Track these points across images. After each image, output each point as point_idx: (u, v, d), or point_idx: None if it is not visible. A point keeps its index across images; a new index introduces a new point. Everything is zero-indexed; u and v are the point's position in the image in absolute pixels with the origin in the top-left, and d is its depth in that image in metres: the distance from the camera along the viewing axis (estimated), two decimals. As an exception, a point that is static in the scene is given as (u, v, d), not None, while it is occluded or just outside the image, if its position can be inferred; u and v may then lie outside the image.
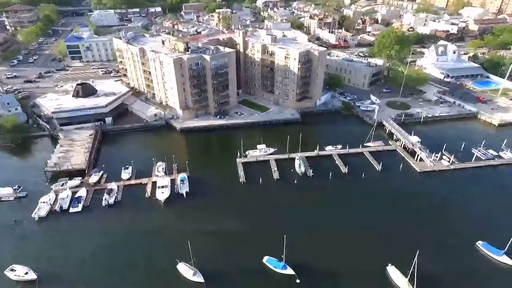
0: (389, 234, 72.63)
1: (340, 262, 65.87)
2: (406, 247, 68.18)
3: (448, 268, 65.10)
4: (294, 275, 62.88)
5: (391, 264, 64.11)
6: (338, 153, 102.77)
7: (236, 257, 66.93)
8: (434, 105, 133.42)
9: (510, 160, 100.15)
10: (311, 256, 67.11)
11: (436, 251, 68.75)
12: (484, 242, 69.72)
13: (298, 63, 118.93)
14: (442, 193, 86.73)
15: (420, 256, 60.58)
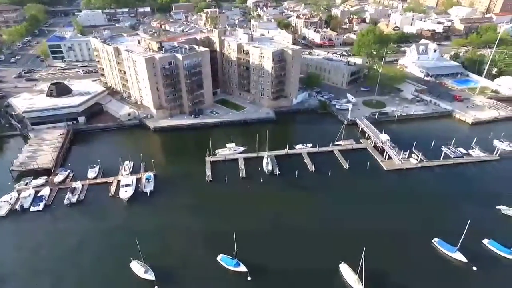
0: (346, 232, 72.69)
1: (294, 260, 66.02)
2: (361, 245, 68.07)
3: (400, 264, 65.53)
4: (246, 272, 63.18)
5: (344, 261, 64.36)
6: (308, 151, 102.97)
7: (191, 255, 67.17)
8: (410, 103, 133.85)
9: (478, 158, 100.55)
10: (265, 254, 67.24)
11: (391, 249, 68.96)
12: (439, 239, 70.08)
13: (271, 62, 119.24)
14: (406, 191, 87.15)
15: (374, 254, 61.81)
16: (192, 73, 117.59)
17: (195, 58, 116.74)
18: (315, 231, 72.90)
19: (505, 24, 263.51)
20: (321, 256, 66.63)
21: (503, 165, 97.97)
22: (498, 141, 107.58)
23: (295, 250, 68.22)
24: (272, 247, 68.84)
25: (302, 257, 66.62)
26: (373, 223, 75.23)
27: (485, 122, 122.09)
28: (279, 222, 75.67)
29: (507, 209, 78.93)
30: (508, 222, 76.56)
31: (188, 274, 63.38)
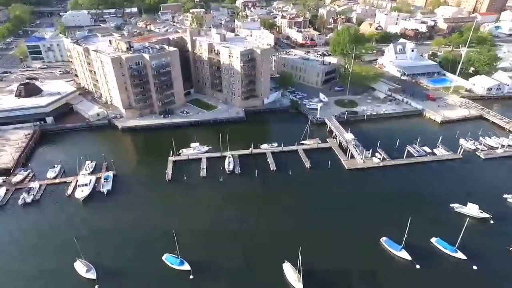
0: (295, 231, 72.87)
1: (240, 259, 66.30)
2: (308, 244, 68.54)
3: (345, 263, 65.53)
4: (189, 271, 63.31)
5: (287, 261, 64.45)
6: (272, 151, 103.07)
7: (136, 255, 67.16)
8: (382, 103, 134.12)
9: (441, 156, 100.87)
10: (211, 253, 67.42)
11: (339, 248, 68.90)
12: (387, 238, 70.27)
13: (240, 62, 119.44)
14: (364, 190, 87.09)
15: (320, 253, 64.24)
16: (161, 73, 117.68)
17: (163, 58, 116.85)
18: (264, 230, 73.18)
19: (490, 24, 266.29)
20: (267, 255, 66.80)
21: (465, 163, 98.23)
22: (464, 139, 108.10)
23: (241, 249, 68.41)
24: (219, 246, 69.06)
25: (248, 256, 66.92)
26: (325, 222, 75.58)
27: (454, 121, 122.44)
28: (229, 221, 75.76)
29: (460, 207, 79.24)
30: (459, 220, 76.41)
31: (131, 273, 63.37)
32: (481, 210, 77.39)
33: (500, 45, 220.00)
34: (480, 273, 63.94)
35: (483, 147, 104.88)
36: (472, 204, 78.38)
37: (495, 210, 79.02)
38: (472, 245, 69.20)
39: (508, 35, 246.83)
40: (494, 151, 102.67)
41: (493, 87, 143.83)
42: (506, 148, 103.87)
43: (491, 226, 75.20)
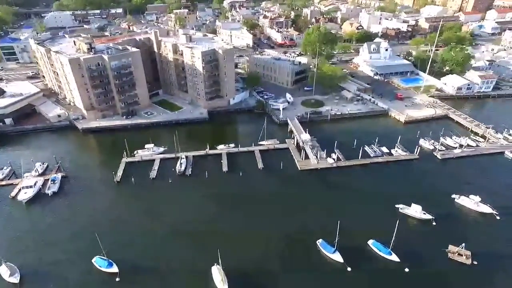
0: (229, 233, 72.18)
1: (170, 261, 65.62)
2: (240, 246, 68.64)
3: (276, 265, 64.88)
4: (117, 273, 62.62)
5: (216, 263, 63.61)
6: (228, 151, 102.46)
7: (67, 257, 66.45)
8: (349, 102, 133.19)
9: (398, 157, 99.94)
10: (141, 255, 66.84)
11: (274, 250, 68.38)
12: (322, 240, 69.32)
13: (202, 62, 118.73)
14: (312, 191, 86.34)
15: (255, 256, 64.68)
16: (122, 74, 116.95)
17: (124, 59, 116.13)
18: (200, 232, 72.45)
19: (473, 23, 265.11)
20: (199, 257, 65.95)
21: (420, 164, 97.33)
22: (423, 139, 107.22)
23: (174, 252, 67.75)
24: (152, 248, 68.41)
25: (179, 259, 66.20)
26: (264, 224, 74.80)
27: (418, 120, 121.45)
28: (167, 223, 75.10)
29: (406, 208, 78.37)
30: (402, 221, 75.48)
31: (57, 277, 62.62)
32: (424, 211, 76.53)
33: (482, 44, 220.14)
34: (411, 276, 63.05)
35: (441, 147, 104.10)
36: (415, 205, 77.47)
37: (441, 211, 78.38)
38: (409, 247, 68.47)
39: (490, 34, 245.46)
40: (451, 151, 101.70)
41: (463, 87, 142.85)
42: (464, 148, 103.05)
43: (433, 228, 74.30)
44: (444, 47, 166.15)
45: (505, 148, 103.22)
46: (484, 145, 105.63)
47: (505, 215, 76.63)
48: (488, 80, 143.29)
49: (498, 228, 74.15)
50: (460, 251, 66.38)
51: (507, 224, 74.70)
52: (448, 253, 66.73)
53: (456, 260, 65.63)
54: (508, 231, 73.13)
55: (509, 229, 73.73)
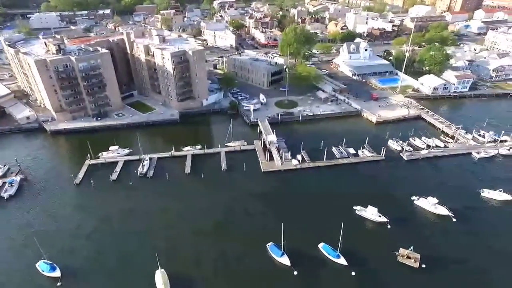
0: (179, 236, 71.55)
1: (118, 266, 64.98)
2: (188, 250, 68.05)
3: (224, 271, 64.20)
4: (59, 277, 61.89)
5: (161, 267, 62.88)
6: (194, 153, 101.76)
7: (11, 262, 65.75)
8: (323, 103, 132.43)
9: (364, 158, 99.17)
10: (88, 259, 66.09)
11: (224, 254, 67.67)
12: (271, 244, 68.41)
13: (172, 63, 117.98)
14: (271, 194, 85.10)
15: (200, 260, 63.56)
16: (91, 76, 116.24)
17: (92, 60, 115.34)
18: (149, 235, 71.75)
19: (460, 23, 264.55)
20: (145, 260, 64.86)
21: (385, 165, 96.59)
22: (392, 140, 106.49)
23: (119, 255, 67.01)
24: (96, 252, 67.76)
25: (124, 262, 65.50)
26: (216, 227, 74.14)
27: (390, 121, 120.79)
28: (116, 226, 74.54)
29: (362, 210, 77.62)
30: (356, 223, 75.06)
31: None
32: (380, 213, 75.74)
33: (467, 43, 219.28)
34: (357, 279, 62.33)
35: (409, 148, 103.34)
36: (372, 207, 76.67)
37: (399, 213, 77.77)
38: (359, 250, 67.84)
39: (477, 34, 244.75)
40: (418, 152, 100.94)
41: (439, 87, 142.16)
42: (431, 149, 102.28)
43: (387, 230, 73.53)
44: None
45: (473, 149, 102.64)
46: (453, 146, 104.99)
47: (461, 218, 75.96)
48: (465, 80, 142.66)
49: (452, 230, 73.39)
50: (409, 254, 65.56)
51: (462, 227, 74.01)
52: (398, 256, 66.00)
53: (405, 263, 64.94)
54: (462, 234, 72.46)
55: (463, 231, 73.05)
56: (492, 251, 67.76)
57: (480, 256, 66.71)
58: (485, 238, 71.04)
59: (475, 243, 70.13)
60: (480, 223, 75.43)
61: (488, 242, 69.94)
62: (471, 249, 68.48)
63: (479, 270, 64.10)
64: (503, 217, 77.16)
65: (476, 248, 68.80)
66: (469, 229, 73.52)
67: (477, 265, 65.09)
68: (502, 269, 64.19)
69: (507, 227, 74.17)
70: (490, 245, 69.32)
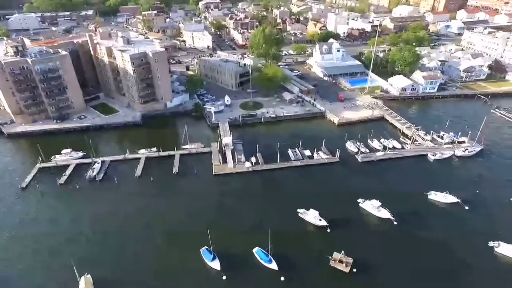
0: (111, 242, 71.08)
1: (40, 271, 64.37)
2: (120, 256, 67.35)
3: (157, 276, 63.46)
4: (-17, 285, 61.20)
5: (87, 273, 62.02)
6: (148, 156, 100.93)
7: None
8: (288, 104, 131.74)
9: (318, 160, 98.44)
10: (13, 265, 65.32)
11: (158, 258, 67.05)
12: (205, 248, 67.63)
13: (132, 65, 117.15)
14: (216, 197, 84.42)
15: (126, 264, 62.30)
16: (49, 78, 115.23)
17: (50, 62, 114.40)
18: (83, 240, 71.13)
19: (442, 23, 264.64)
20: (63, 267, 63.77)
21: (338, 167, 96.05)
22: (350, 142, 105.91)
23: (47, 259, 66.30)
24: (23, 258, 66.81)
25: (50, 268, 64.73)
26: (153, 232, 73.29)
27: (352, 122, 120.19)
28: (52, 230, 73.74)
29: (305, 213, 76.93)
30: (297, 226, 74.52)
31: None
32: (321, 217, 75.06)
33: (445, 43, 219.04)
34: (285, 284, 61.65)
35: (366, 149, 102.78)
36: (313, 210, 76.10)
37: (342, 215, 77.25)
38: (293, 254, 67.31)
39: (457, 34, 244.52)
40: (373, 154, 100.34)
41: (407, 87, 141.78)
42: (387, 150, 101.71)
43: (326, 234, 72.89)
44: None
45: (429, 151, 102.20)
46: (410, 148, 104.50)
47: (402, 221, 75.35)
48: (432, 80, 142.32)
49: (391, 234, 72.81)
50: (341, 258, 64.96)
51: (402, 230, 73.40)
52: (331, 260, 65.34)
53: (336, 268, 64.30)
54: (400, 238, 71.78)
55: (402, 235, 72.37)
56: (428, 256, 67.17)
57: (415, 261, 66.10)
58: (422, 242, 70.37)
59: (411, 247, 69.41)
60: (421, 226, 74.69)
61: (425, 246, 69.36)
62: (406, 254, 67.84)
63: (411, 275, 63.47)
64: (444, 220, 76.57)
65: (411, 252, 68.10)
66: (409, 233, 72.79)
67: (410, 269, 64.50)
68: (435, 274, 63.67)
69: (447, 230, 73.56)
70: (426, 249, 68.76)
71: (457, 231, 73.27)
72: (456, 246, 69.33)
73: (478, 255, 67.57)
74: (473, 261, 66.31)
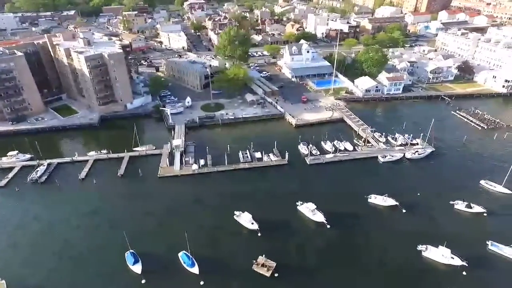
0: (36, 245, 70.37)
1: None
2: (38, 260, 66.61)
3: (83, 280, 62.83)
4: None
5: (1, 279, 61.33)
6: (97, 158, 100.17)
7: None
8: (249, 106, 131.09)
9: (267, 163, 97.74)
10: None
11: (82, 260, 66.40)
12: (130, 252, 66.88)
13: (87, 67, 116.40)
14: (154, 200, 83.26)
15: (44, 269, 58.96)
16: (2, 79, 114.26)
17: (4, 63, 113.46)
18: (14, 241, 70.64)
19: (421, 24, 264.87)
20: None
21: (286, 170, 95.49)
22: (302, 144, 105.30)
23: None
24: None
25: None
26: (74, 235, 72.77)
27: (310, 124, 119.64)
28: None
29: (240, 216, 76.16)
30: (230, 229, 73.89)
31: None
32: (253, 220, 74.44)
33: (421, 45, 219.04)
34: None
35: (316, 152, 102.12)
36: (247, 213, 75.52)
37: (278, 219, 76.64)
38: (219, 258, 66.88)
39: (435, 35, 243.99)
40: (322, 156, 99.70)
41: (371, 89, 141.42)
42: (338, 153, 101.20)
43: (257, 237, 72.15)
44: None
45: (380, 153, 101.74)
46: (361, 150, 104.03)
47: (336, 224, 74.76)
48: (397, 82, 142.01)
49: (322, 238, 72.16)
50: (264, 262, 64.41)
51: (333, 234, 72.80)
52: (254, 264, 64.73)
53: (258, 272, 63.69)
54: (330, 242, 71.17)
55: (332, 239, 71.79)
56: (355, 260, 66.71)
57: (341, 264, 65.70)
58: (352, 246, 69.97)
59: (340, 251, 69.00)
60: (354, 230, 74.29)
61: (354, 250, 68.95)
62: (334, 257, 67.39)
63: (335, 278, 63.05)
64: (379, 223, 76.04)
65: (339, 256, 67.71)
66: (340, 236, 72.36)
67: (334, 273, 64.02)
68: (359, 278, 63.13)
69: (380, 234, 73.04)
70: (355, 253, 68.32)
71: (389, 235, 72.82)
72: (386, 250, 68.94)
73: (405, 259, 67.07)
74: (401, 265, 65.84)
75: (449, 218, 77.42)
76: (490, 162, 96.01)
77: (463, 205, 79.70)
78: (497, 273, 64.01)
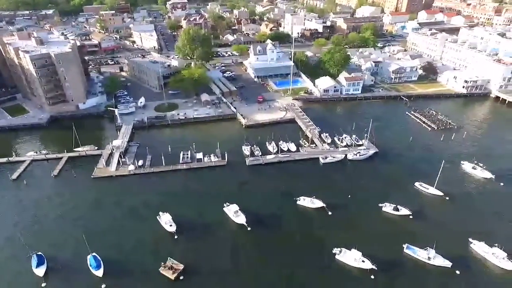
0: None
1: None
2: None
3: None
4: None
5: None
6: (34, 158, 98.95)
7: None
8: (203, 106, 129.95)
9: (207, 163, 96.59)
10: None
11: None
12: (92, 255, 65.54)
13: (34, 67, 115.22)
14: (88, 202, 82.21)
15: None
16: None
17: None
18: None
19: (399, 24, 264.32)
20: None
21: (224, 171, 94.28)
22: (245, 145, 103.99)
23: None
24: None
25: None
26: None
27: (260, 125, 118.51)
28: None
29: (160, 218, 75.06)
30: (150, 232, 72.68)
31: None
32: (172, 222, 73.08)
33: (394, 44, 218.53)
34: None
35: (259, 152, 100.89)
36: (167, 214, 74.78)
37: (201, 221, 75.61)
38: (128, 261, 65.67)
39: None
40: (263, 157, 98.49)
41: (329, 89, 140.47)
42: (280, 153, 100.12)
43: (172, 240, 70.82)
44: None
45: (322, 154, 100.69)
46: (304, 151, 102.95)
47: (257, 227, 73.49)
48: (355, 82, 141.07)
49: (240, 240, 71.03)
50: (172, 265, 63.33)
51: (253, 236, 71.59)
52: (161, 266, 63.59)
53: (164, 274, 62.58)
54: (249, 244, 70.07)
55: (251, 242, 70.64)
56: (272, 262, 65.35)
57: (257, 267, 64.57)
58: (272, 248, 68.71)
59: (258, 253, 67.91)
60: (276, 232, 73.12)
61: (273, 253, 67.63)
62: (250, 260, 66.28)
63: (245, 281, 61.98)
64: (304, 225, 75.09)
65: (256, 258, 66.66)
66: (260, 239, 71.18)
67: (248, 276, 62.90)
68: (273, 281, 62.04)
69: (301, 236, 71.95)
70: (273, 255, 66.96)
71: (309, 237, 71.78)
72: (302, 252, 67.79)
73: (320, 262, 66.05)
74: (313, 268, 64.71)
75: (374, 220, 76.40)
76: (429, 163, 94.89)
77: (391, 207, 78.79)
78: (405, 277, 63.03)
